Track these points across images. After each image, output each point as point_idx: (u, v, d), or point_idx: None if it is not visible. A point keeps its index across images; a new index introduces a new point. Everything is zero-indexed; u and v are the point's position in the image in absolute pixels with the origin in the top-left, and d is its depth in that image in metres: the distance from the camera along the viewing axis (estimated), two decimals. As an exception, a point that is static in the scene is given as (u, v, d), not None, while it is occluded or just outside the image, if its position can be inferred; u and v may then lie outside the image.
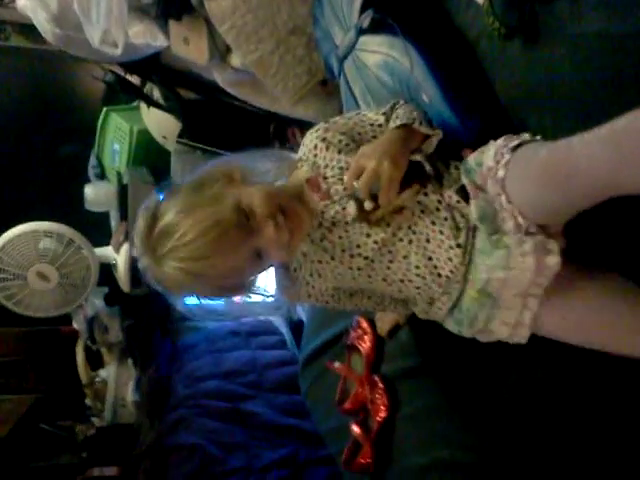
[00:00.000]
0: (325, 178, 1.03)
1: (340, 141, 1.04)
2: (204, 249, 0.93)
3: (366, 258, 1.01)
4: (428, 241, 0.99)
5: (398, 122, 1.01)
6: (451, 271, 0.98)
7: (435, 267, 0.99)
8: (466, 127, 1.10)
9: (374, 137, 1.05)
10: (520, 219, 0.91)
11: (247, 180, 1.03)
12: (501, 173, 0.91)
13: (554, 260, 0.90)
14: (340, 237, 1.01)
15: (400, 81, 1.13)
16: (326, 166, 1.04)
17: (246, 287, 1.05)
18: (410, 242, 0.99)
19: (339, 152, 1.04)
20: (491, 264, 0.94)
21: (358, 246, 1.01)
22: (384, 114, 1.06)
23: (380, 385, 1.30)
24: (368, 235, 1.00)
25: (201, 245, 0.93)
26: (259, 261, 0.99)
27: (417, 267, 1.00)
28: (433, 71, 1.08)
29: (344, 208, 1.01)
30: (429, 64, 1.08)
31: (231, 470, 1.95)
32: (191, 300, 1.05)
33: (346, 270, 1.03)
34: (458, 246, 0.97)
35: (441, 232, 0.98)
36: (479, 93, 1.11)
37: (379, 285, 1.05)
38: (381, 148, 0.98)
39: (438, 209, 0.99)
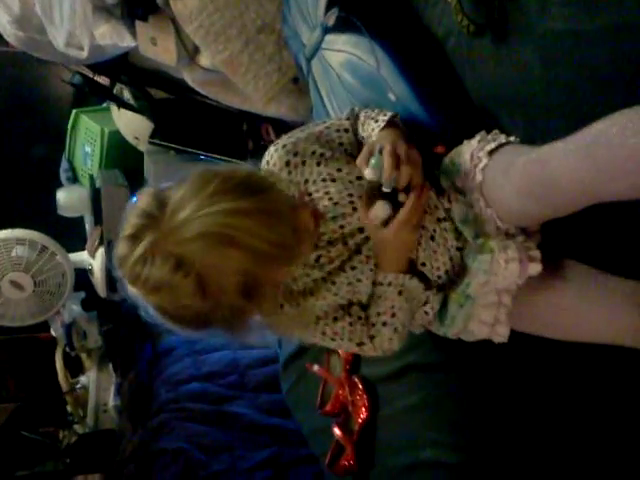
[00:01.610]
0: (309, 195, 0.97)
1: (314, 152, 0.98)
2: (247, 202, 0.80)
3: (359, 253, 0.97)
4: (433, 238, 0.98)
5: (386, 118, 0.98)
6: (446, 271, 0.98)
7: (432, 266, 0.98)
8: (438, 122, 1.09)
9: (341, 144, 1.02)
10: (499, 222, 0.92)
11: None
12: (479, 178, 0.92)
13: (537, 268, 0.92)
14: (338, 249, 0.97)
15: (363, 81, 1.12)
16: (306, 181, 0.98)
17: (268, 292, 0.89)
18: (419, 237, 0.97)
19: (318, 164, 0.98)
20: (474, 267, 0.94)
21: (356, 250, 0.97)
22: (348, 119, 1.04)
23: (360, 386, 1.29)
24: (367, 239, 0.97)
25: (242, 194, 0.80)
26: (297, 242, 0.86)
27: (423, 264, 0.98)
28: (401, 68, 1.07)
29: (342, 226, 0.96)
30: (397, 61, 1.07)
31: (215, 473, 1.93)
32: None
33: (340, 274, 0.97)
34: (458, 249, 0.97)
35: (445, 230, 0.98)
36: (449, 89, 1.10)
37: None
38: (388, 136, 0.94)
39: (437, 207, 0.98)
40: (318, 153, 0.98)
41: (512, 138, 0.94)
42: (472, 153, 0.95)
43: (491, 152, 0.92)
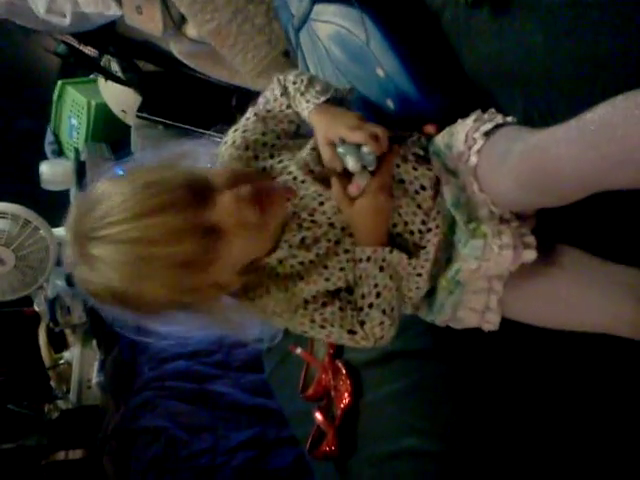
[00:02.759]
0: (274, 179, 0.95)
1: (265, 143, 0.97)
2: (140, 207, 0.78)
3: (351, 235, 0.94)
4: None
5: (318, 101, 0.94)
6: (423, 221, 0.93)
7: (406, 223, 0.94)
8: (429, 100, 1.05)
9: (291, 122, 0.99)
10: (493, 207, 0.88)
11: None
12: (473, 160, 0.88)
13: (531, 255, 0.88)
14: (323, 230, 0.93)
15: (351, 55, 1.08)
16: (264, 169, 0.96)
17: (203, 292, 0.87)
18: None
19: (271, 156, 0.96)
20: (465, 253, 0.91)
21: (343, 229, 0.94)
22: (282, 95, 1.00)
23: (343, 371, 1.27)
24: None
25: (137, 202, 0.78)
26: (214, 245, 0.82)
27: (394, 225, 0.94)
28: (392, 43, 1.02)
29: (322, 203, 0.93)
30: (388, 35, 1.02)
31: (197, 452, 1.93)
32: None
33: (332, 258, 0.93)
34: (423, 188, 0.94)
35: (401, 181, 0.94)
36: (444, 65, 1.06)
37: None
38: (335, 118, 0.92)
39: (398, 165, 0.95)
40: (270, 144, 0.97)
41: (509, 118, 0.90)
42: (467, 133, 0.90)
43: (487, 133, 0.88)
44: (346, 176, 0.90)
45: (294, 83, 0.98)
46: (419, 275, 0.96)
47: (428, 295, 1.00)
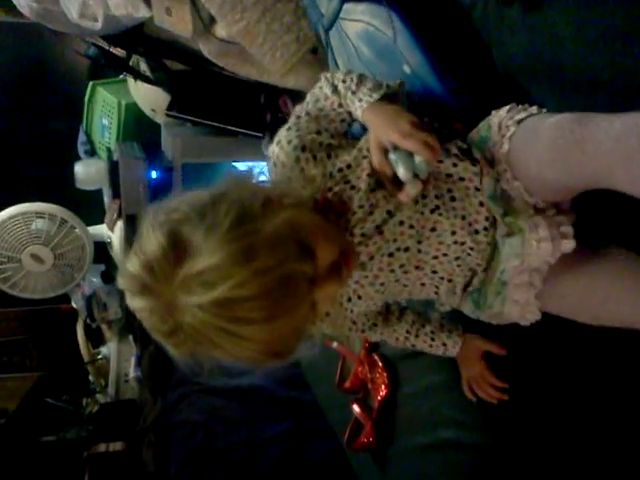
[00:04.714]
0: (330, 190, 0.90)
1: (321, 143, 0.91)
2: (265, 311, 0.71)
3: (406, 250, 0.93)
4: (453, 199, 0.91)
5: (371, 99, 0.91)
6: (486, 218, 0.92)
7: (470, 224, 0.92)
8: (455, 97, 1.05)
9: (342, 120, 0.96)
10: (526, 196, 0.88)
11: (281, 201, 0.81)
12: (505, 147, 0.87)
13: (570, 245, 0.88)
14: (375, 243, 0.91)
15: (378, 53, 1.08)
16: (323, 175, 0.90)
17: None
18: (436, 209, 0.91)
19: (329, 157, 0.91)
20: (506, 253, 0.91)
21: (395, 240, 0.92)
22: (333, 93, 0.96)
23: (379, 364, 1.28)
24: (401, 223, 0.91)
25: (262, 306, 0.70)
26: (311, 315, 0.80)
27: (453, 233, 0.92)
28: (419, 40, 1.02)
29: (371, 213, 0.90)
30: (415, 33, 1.02)
31: (234, 445, 1.95)
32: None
33: (388, 275, 0.94)
34: (477, 189, 0.92)
35: (461, 179, 0.92)
36: (471, 62, 1.06)
37: (412, 277, 0.96)
38: (388, 121, 0.88)
39: (441, 161, 0.92)
40: (326, 144, 0.92)
41: (544, 110, 0.88)
42: (500, 123, 0.90)
43: (520, 121, 0.87)
44: (396, 181, 0.88)
45: (344, 82, 0.95)
46: (479, 265, 0.96)
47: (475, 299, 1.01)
